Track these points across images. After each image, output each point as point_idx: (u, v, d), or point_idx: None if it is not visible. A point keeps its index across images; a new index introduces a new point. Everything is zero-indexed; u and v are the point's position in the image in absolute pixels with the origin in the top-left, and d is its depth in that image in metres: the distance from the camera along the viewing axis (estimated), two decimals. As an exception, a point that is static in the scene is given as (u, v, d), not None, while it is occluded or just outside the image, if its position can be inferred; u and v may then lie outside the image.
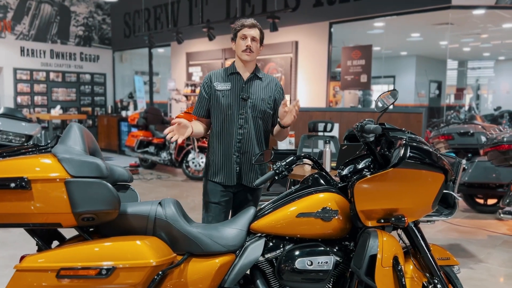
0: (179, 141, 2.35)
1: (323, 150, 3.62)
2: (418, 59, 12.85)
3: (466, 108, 11.19)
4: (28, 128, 5.64)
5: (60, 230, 2.06)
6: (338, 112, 5.69)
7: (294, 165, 2.21)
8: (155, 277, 1.78)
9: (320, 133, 4.78)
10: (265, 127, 2.65)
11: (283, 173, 2.18)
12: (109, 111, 12.06)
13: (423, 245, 2.07)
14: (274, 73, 8.21)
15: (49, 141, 2.06)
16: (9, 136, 5.50)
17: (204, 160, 7.22)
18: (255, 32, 2.55)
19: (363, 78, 7.07)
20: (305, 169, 3.73)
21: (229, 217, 2.64)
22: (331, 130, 4.70)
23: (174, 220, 1.95)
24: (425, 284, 2.07)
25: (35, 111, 10.91)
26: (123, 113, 10.70)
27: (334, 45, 7.82)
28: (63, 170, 1.76)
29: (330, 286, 2.04)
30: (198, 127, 2.58)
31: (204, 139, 2.71)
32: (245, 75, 2.59)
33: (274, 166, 2.20)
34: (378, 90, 14.42)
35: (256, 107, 2.56)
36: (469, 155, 5.93)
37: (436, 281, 2.03)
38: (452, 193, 3.40)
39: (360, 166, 2.18)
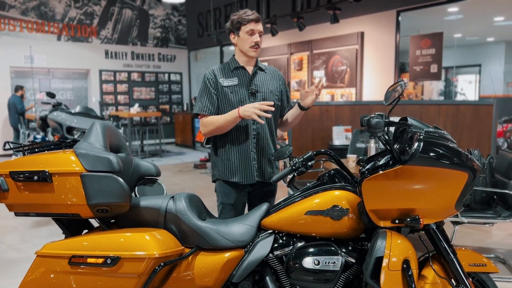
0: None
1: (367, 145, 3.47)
2: (508, 45, 11.64)
3: None
4: (100, 126, 6.11)
5: (91, 220, 2.22)
6: (400, 105, 5.38)
7: (312, 161, 2.15)
8: (156, 268, 1.84)
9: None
10: (275, 119, 2.60)
11: (300, 169, 2.12)
12: (185, 108, 12.62)
13: (447, 248, 1.90)
14: (339, 66, 7.99)
15: (75, 137, 2.24)
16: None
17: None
18: (261, 27, 2.48)
19: (433, 68, 6.59)
20: (349, 165, 3.60)
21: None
22: (385, 125, 4.46)
23: (184, 214, 2.00)
24: (449, 292, 1.90)
25: (118, 109, 11.80)
26: (197, 110, 11.13)
27: (406, 34, 7.38)
28: (79, 165, 1.90)
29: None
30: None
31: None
32: (250, 68, 2.53)
33: (291, 162, 2.15)
34: (464, 80, 13.30)
35: (266, 100, 2.50)
36: (554, 150, 5.26)
37: (461, 289, 1.85)
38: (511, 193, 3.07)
39: (381, 162, 2.06)
